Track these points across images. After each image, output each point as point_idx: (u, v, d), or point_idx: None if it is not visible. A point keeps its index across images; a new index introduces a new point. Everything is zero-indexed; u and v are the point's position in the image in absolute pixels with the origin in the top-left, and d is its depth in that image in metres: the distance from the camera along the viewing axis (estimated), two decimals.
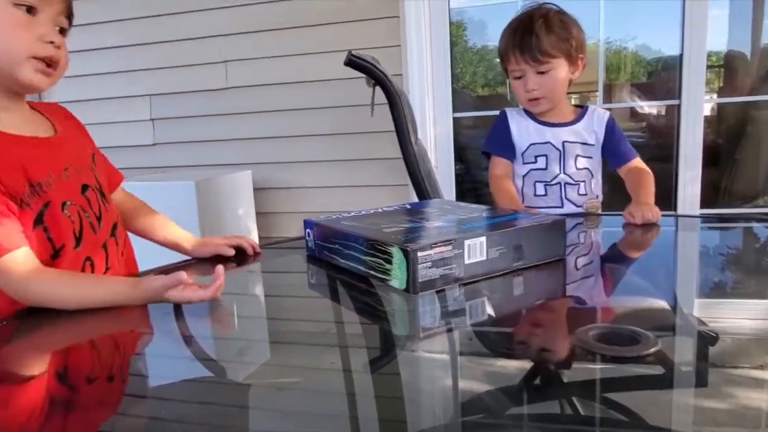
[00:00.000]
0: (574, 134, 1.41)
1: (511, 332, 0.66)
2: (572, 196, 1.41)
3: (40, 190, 0.82)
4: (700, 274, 0.88)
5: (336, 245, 0.84)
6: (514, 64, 1.37)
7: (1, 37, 0.80)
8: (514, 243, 0.76)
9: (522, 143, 1.42)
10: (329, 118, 2.43)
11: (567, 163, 1.40)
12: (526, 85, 1.36)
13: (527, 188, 1.42)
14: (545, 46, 1.33)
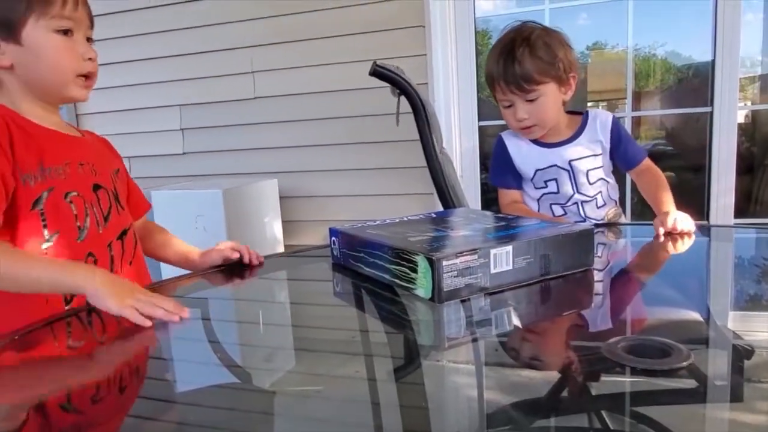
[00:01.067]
0: (579, 150, 1.33)
1: (538, 343, 0.65)
2: (590, 212, 1.36)
3: (49, 176, 0.87)
4: (735, 285, 0.85)
5: (361, 253, 0.84)
6: (501, 94, 1.30)
7: (50, 62, 0.88)
8: (540, 252, 0.75)
9: (527, 170, 1.36)
10: (355, 127, 2.45)
11: (579, 182, 1.33)
12: (516, 114, 1.29)
13: (544, 210, 1.37)
14: (531, 74, 1.24)
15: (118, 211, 0.98)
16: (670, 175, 2.66)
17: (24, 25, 0.86)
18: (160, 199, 2.34)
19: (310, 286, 0.99)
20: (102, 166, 0.98)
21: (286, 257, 1.06)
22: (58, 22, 0.87)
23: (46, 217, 0.86)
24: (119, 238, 0.97)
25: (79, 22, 0.90)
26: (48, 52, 0.88)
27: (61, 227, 0.87)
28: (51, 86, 0.90)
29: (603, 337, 0.62)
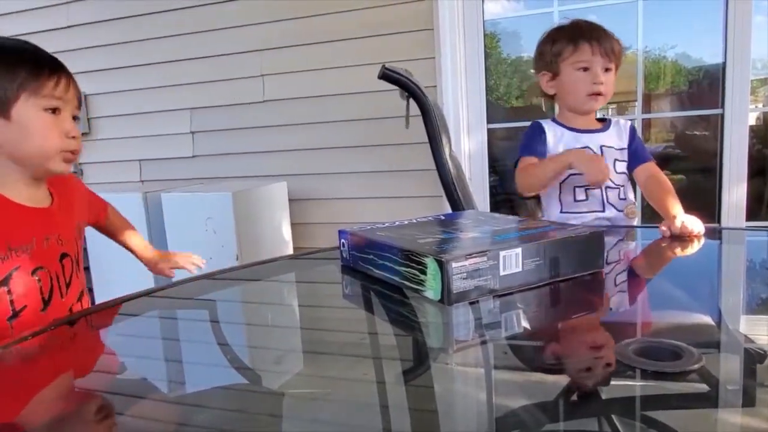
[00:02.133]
0: (609, 139, 1.43)
1: (548, 346, 0.64)
2: (613, 199, 1.40)
3: (15, 255, 0.90)
4: (747, 288, 0.85)
5: (371, 255, 0.84)
6: (582, 54, 1.39)
7: (36, 139, 0.92)
8: (550, 255, 0.75)
9: (558, 150, 1.41)
10: (364, 130, 2.46)
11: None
12: (595, 77, 1.38)
13: (566, 195, 1.41)
14: (616, 48, 1.39)
15: (78, 275, 1.03)
16: (680, 178, 2.64)
17: (15, 102, 0.89)
18: (170, 202, 2.35)
19: (319, 288, 0.99)
20: (67, 233, 1.01)
21: (296, 259, 1.06)
22: (48, 101, 0.91)
23: (12, 294, 0.90)
24: (79, 299, 1.02)
25: (67, 101, 0.95)
26: (36, 130, 0.91)
27: (28, 302, 0.91)
28: (35, 161, 0.94)
29: (614, 340, 0.62)
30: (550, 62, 1.44)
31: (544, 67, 1.47)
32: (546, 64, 1.46)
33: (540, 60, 1.48)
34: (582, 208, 1.40)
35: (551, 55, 1.44)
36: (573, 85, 1.41)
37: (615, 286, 0.83)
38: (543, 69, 1.47)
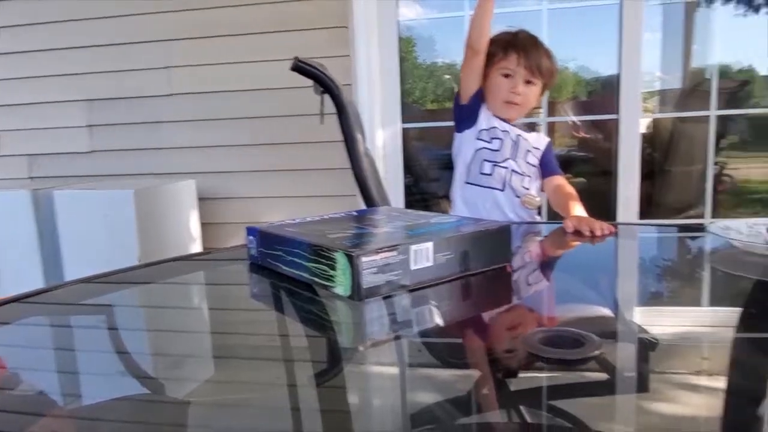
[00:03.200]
0: (527, 137, 1.54)
1: (459, 340, 0.64)
2: (516, 184, 1.49)
3: None
4: (640, 281, 0.90)
5: (279, 252, 0.81)
6: (510, 63, 1.48)
7: None
8: (460, 249, 0.75)
9: (483, 122, 1.51)
10: (277, 127, 2.40)
11: (518, 153, 1.50)
12: (513, 86, 1.48)
13: (474, 164, 1.51)
14: (544, 66, 1.48)
15: None
16: (581, 181, 2.81)
17: None
18: (63, 200, 2.17)
19: (226, 288, 0.94)
20: None
21: (200, 260, 1.00)
22: None
23: None
24: None
25: None
26: None
27: None
28: None
29: (521, 331, 0.63)
30: (485, 63, 1.52)
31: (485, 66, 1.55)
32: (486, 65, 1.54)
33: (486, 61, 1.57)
34: (484, 182, 1.49)
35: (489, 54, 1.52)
36: (494, 88, 1.50)
37: (522, 278, 0.85)
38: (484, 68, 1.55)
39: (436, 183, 2.94)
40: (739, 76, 2.79)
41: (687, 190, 2.77)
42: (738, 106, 2.82)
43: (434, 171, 2.94)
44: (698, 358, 0.57)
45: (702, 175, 2.53)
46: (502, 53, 1.49)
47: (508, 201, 1.49)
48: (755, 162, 2.94)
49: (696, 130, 2.60)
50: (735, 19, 2.66)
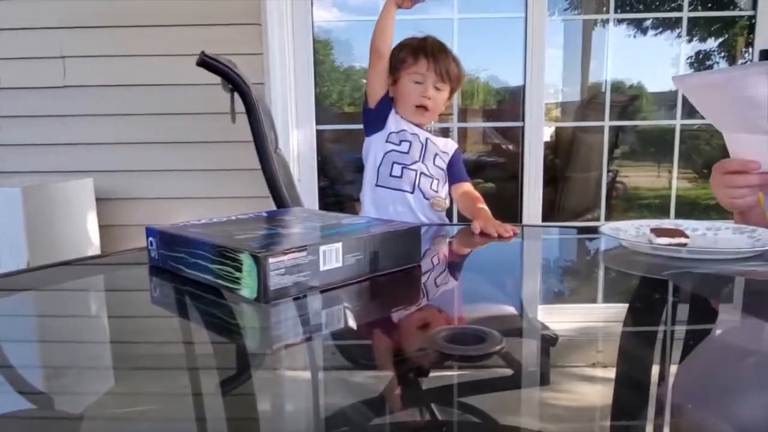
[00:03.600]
0: (435, 140, 1.57)
1: (371, 341, 0.64)
2: (424, 186, 1.52)
3: None
4: (542, 280, 0.94)
5: (181, 254, 0.77)
6: (420, 68, 1.51)
7: None
8: (370, 249, 0.75)
9: (392, 126, 1.54)
10: (184, 124, 2.29)
11: (426, 156, 1.53)
12: (424, 91, 1.51)
13: (384, 166, 1.52)
14: (452, 72, 1.52)
15: None
16: (490, 186, 2.92)
17: None
18: None
19: (125, 293, 0.88)
20: None
21: (94, 264, 0.93)
22: None
23: None
24: None
25: None
26: None
27: None
28: None
29: (429, 330, 0.64)
30: (395, 68, 1.55)
31: (391, 71, 1.57)
32: (392, 69, 1.56)
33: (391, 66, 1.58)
34: (393, 184, 1.51)
35: (398, 61, 1.54)
36: (405, 94, 1.53)
37: (431, 279, 0.86)
38: (390, 72, 1.58)
39: (352, 186, 2.94)
40: (630, 91, 3.03)
41: (585, 195, 2.97)
42: (629, 119, 3.06)
43: (350, 174, 2.94)
44: (593, 351, 0.60)
45: (598, 181, 2.72)
46: (412, 59, 1.52)
47: (417, 203, 1.51)
48: (643, 170, 3.20)
49: (593, 139, 2.79)
50: (626, 39, 2.89)
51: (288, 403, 0.50)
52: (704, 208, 3.05)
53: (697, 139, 2.93)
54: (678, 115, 2.63)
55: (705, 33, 2.92)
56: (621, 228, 1.01)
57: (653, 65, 3.02)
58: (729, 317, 0.71)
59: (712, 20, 2.89)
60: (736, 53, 2.89)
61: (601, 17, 2.93)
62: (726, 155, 0.97)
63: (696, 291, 0.79)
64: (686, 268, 0.84)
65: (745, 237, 0.95)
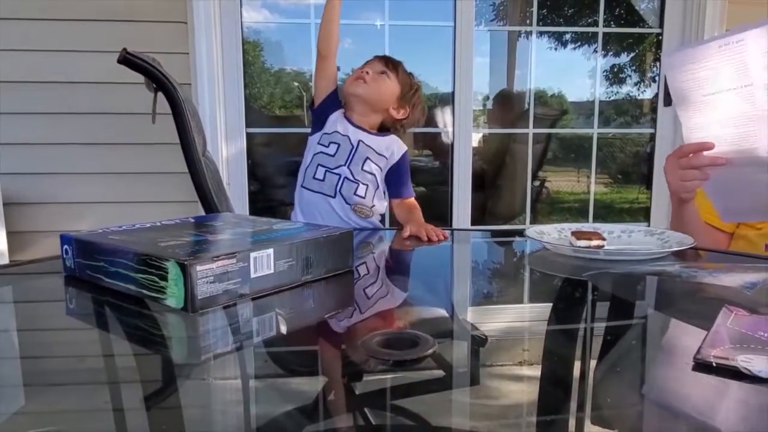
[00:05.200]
0: (372, 142, 1.53)
1: (304, 347, 0.63)
2: (346, 192, 1.49)
3: None
4: (472, 282, 0.97)
5: (101, 263, 0.72)
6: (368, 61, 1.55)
7: None
8: (302, 255, 0.74)
9: (328, 127, 1.52)
10: (103, 124, 2.17)
11: (353, 161, 1.49)
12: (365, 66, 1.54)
13: (311, 168, 1.51)
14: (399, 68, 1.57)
15: None
16: (422, 191, 2.97)
17: None
18: None
19: (37, 305, 0.82)
20: None
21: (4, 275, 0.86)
22: None
23: None
24: None
25: None
26: None
27: None
28: None
29: (363, 336, 0.64)
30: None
31: None
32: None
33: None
34: (316, 187, 1.50)
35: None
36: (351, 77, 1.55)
37: (364, 284, 0.86)
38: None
39: (284, 190, 2.90)
40: (552, 100, 3.18)
41: (512, 200, 3.08)
42: (553, 128, 3.21)
43: (282, 178, 2.89)
44: (520, 350, 0.63)
45: (524, 186, 2.83)
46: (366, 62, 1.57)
47: (340, 208, 1.50)
48: (565, 176, 3.37)
49: (519, 146, 2.90)
50: (548, 51, 3.03)
51: (218, 414, 0.48)
52: (618, 211, 3.25)
53: (612, 146, 3.11)
54: (595, 124, 2.79)
55: (618, 48, 3.12)
56: (545, 231, 1.06)
57: (573, 76, 3.19)
58: (642, 313, 0.76)
59: (625, 36, 3.09)
60: (646, 67, 3.11)
61: (525, 29, 3.06)
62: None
63: (613, 290, 0.84)
64: (604, 269, 0.89)
65: (655, 239, 1.02)
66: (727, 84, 0.89)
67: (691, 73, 0.92)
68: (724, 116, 0.92)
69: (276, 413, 0.47)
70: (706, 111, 0.93)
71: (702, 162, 0.96)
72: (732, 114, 0.91)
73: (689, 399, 0.48)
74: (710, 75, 0.90)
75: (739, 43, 0.85)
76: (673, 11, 2.58)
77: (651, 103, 2.90)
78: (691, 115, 0.96)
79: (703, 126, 0.95)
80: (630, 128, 3.22)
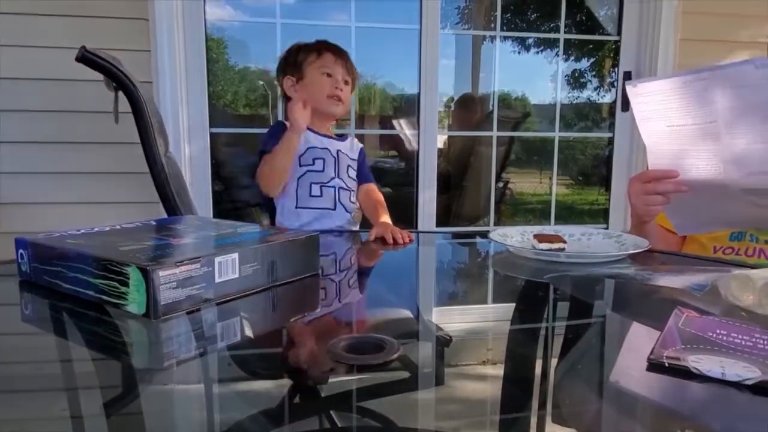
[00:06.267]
0: (344, 148, 1.56)
1: (269, 352, 0.63)
2: (345, 200, 1.52)
3: None
4: (437, 284, 0.98)
5: (59, 268, 0.70)
6: (327, 61, 1.50)
7: None
8: (268, 259, 0.74)
9: (300, 147, 1.48)
10: (61, 123, 2.10)
11: (341, 170, 1.51)
12: (336, 82, 1.50)
13: (302, 189, 1.48)
14: (350, 66, 1.55)
15: None
16: (387, 190, 2.98)
17: None
18: None
19: None
20: None
21: None
22: None
23: None
24: None
25: None
26: None
27: None
28: None
29: (328, 339, 0.64)
30: (296, 67, 1.52)
31: (290, 71, 1.54)
32: (291, 69, 1.53)
33: (285, 65, 1.56)
34: (314, 204, 1.48)
35: (298, 60, 1.52)
36: (317, 86, 1.50)
37: (330, 287, 0.86)
38: (288, 73, 1.54)
39: (249, 191, 2.87)
40: (516, 103, 3.24)
41: (477, 201, 3.12)
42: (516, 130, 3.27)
43: (246, 178, 2.86)
44: (485, 349, 0.64)
45: (488, 187, 2.87)
46: (316, 54, 1.52)
47: (340, 218, 1.49)
48: (528, 177, 3.44)
49: (483, 148, 2.95)
50: (512, 55, 3.10)
51: (181, 419, 0.48)
52: (579, 212, 3.33)
53: (573, 149, 3.19)
54: (557, 127, 2.85)
55: (579, 53, 3.21)
56: (508, 234, 1.08)
57: (536, 80, 3.26)
58: (600, 314, 0.78)
59: (585, 42, 3.18)
60: (605, 73, 3.20)
61: (489, 33, 3.10)
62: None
63: (572, 291, 0.86)
64: (564, 271, 0.91)
65: (613, 242, 1.05)
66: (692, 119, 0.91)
67: (657, 104, 0.95)
68: (687, 147, 0.95)
69: (240, 418, 0.47)
70: (670, 141, 0.96)
71: (667, 189, 0.99)
72: (696, 147, 0.94)
73: (644, 398, 0.50)
74: (675, 108, 0.93)
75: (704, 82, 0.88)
76: (630, 19, 2.66)
77: (610, 108, 2.99)
78: (656, 141, 0.99)
79: (668, 154, 0.98)
80: (590, 132, 3.31)
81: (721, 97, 0.87)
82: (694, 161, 0.95)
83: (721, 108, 0.88)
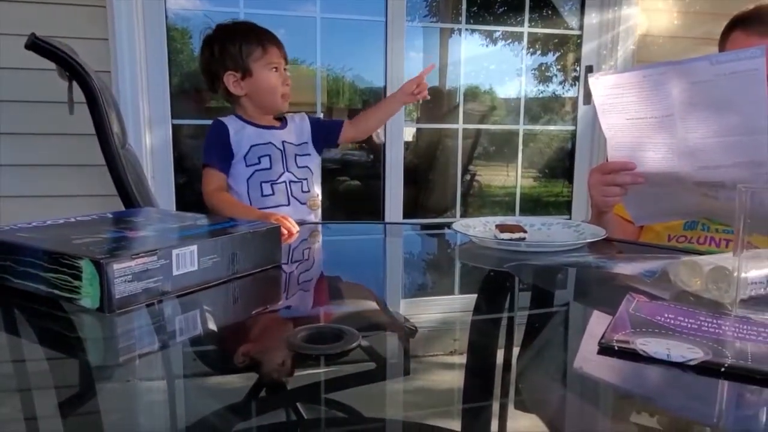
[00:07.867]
0: (289, 136, 1.51)
1: (232, 345, 0.62)
2: (297, 193, 1.49)
3: None
4: (403, 275, 0.98)
5: (7, 262, 0.68)
6: (272, 56, 1.46)
7: None
8: (228, 251, 0.72)
9: (242, 147, 1.43)
10: (11, 113, 2.02)
11: (289, 162, 1.48)
12: (285, 79, 1.47)
13: (253, 190, 1.44)
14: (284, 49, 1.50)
15: None
16: (356, 183, 2.97)
17: None
18: None
19: None
20: None
21: None
22: None
23: None
24: None
25: None
26: None
27: None
28: None
29: (288, 331, 0.63)
30: (240, 61, 1.45)
31: (232, 66, 1.46)
32: (233, 63, 1.46)
33: (226, 59, 1.47)
34: (269, 203, 1.45)
35: (241, 56, 1.45)
36: (270, 86, 1.46)
37: (293, 279, 0.85)
38: (231, 68, 1.47)
39: None
40: (483, 96, 3.26)
41: (444, 193, 3.14)
42: (483, 123, 3.30)
43: None
44: (451, 339, 0.64)
45: (455, 180, 2.89)
46: (261, 49, 1.45)
47: (296, 212, 1.46)
48: (494, 170, 3.47)
49: (450, 141, 2.96)
50: (479, 48, 3.11)
51: (143, 416, 0.47)
52: (545, 204, 3.39)
53: (538, 142, 3.24)
54: (521, 120, 2.89)
55: (545, 48, 3.25)
56: (471, 225, 1.09)
57: (502, 73, 3.28)
58: (561, 302, 0.79)
59: (550, 36, 3.22)
60: (569, 67, 3.25)
61: (455, 26, 3.11)
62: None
63: (533, 280, 0.87)
64: (525, 260, 0.93)
65: (572, 231, 1.07)
66: (650, 112, 0.93)
67: (616, 98, 0.97)
68: (645, 140, 0.97)
69: (204, 413, 0.46)
70: (629, 133, 0.99)
71: (624, 180, 1.02)
72: (653, 140, 0.96)
73: (603, 381, 0.51)
74: (634, 101, 0.95)
75: (662, 76, 0.90)
76: (591, 15, 2.72)
77: (573, 102, 3.04)
78: (614, 134, 1.01)
79: (626, 146, 1.00)
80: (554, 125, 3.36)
81: (677, 91, 0.89)
82: (652, 154, 0.97)
83: (677, 102, 0.90)
